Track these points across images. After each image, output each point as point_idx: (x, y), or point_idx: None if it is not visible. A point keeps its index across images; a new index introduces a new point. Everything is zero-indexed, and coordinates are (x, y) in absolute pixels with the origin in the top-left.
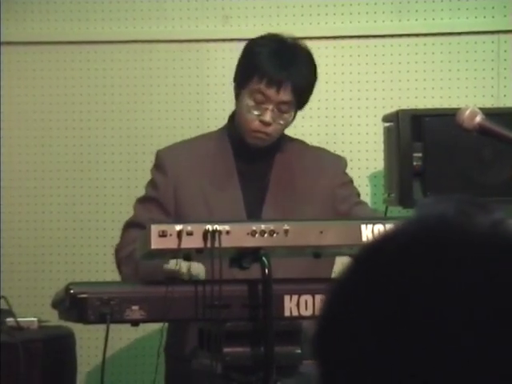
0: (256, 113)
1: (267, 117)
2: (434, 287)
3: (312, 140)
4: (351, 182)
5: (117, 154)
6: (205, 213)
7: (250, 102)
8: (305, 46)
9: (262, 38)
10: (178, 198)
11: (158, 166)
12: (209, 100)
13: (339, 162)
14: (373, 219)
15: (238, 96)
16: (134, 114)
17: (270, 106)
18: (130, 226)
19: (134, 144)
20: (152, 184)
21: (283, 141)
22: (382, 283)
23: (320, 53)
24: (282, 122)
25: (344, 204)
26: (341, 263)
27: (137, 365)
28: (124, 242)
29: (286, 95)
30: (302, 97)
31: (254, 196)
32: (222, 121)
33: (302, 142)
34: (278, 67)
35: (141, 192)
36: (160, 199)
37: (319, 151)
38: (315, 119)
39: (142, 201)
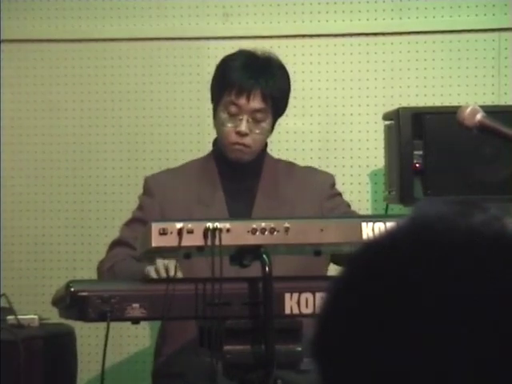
0: (231, 125)
1: (242, 127)
2: (432, 285)
3: (312, 138)
4: (339, 194)
5: (117, 151)
6: None
7: (224, 115)
8: (276, 58)
9: (234, 53)
10: (164, 217)
11: (145, 190)
12: (209, 98)
13: (326, 178)
14: (369, 216)
15: (215, 114)
16: (135, 111)
17: (245, 116)
18: (114, 244)
19: (135, 142)
20: (138, 207)
21: (269, 159)
22: (380, 282)
23: (320, 51)
24: (258, 132)
25: (331, 214)
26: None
27: (137, 363)
28: (106, 259)
29: (257, 103)
30: (274, 105)
31: (241, 212)
32: None
33: (288, 162)
34: (247, 77)
35: (140, 189)
36: (145, 219)
37: (306, 169)
38: (315, 117)
39: (127, 223)
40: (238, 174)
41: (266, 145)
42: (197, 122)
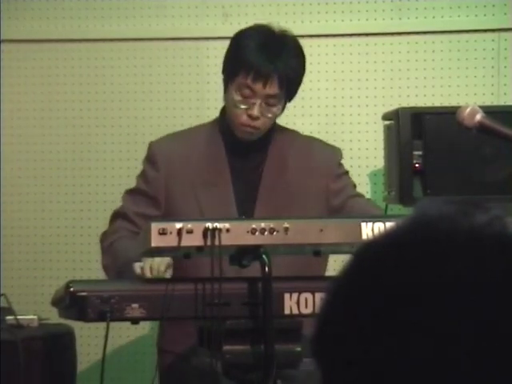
0: (243, 107)
1: (255, 111)
2: (432, 285)
3: None
4: (346, 173)
5: (117, 151)
6: (195, 209)
7: (237, 97)
8: (293, 36)
9: (250, 29)
10: (169, 193)
11: (150, 159)
12: (209, 98)
13: (333, 154)
14: (368, 216)
15: (226, 89)
16: (135, 111)
17: (258, 101)
18: (116, 216)
19: (135, 142)
20: (143, 177)
21: (275, 132)
22: (380, 282)
23: (320, 51)
24: (270, 116)
25: (337, 198)
26: None
27: (137, 362)
28: (108, 232)
29: (272, 89)
30: (289, 89)
31: (247, 192)
32: None
33: (294, 133)
34: (264, 60)
35: None
36: (150, 193)
37: (313, 143)
38: (315, 117)
39: (131, 192)
40: (245, 150)
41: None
42: (196, 122)
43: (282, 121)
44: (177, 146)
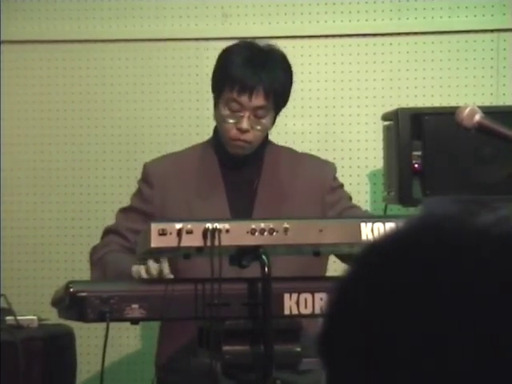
0: (232, 121)
1: (244, 124)
2: (437, 286)
3: (311, 138)
4: (341, 186)
5: (116, 152)
6: None
7: (226, 112)
8: (279, 50)
9: (235, 45)
10: (164, 209)
11: (145, 179)
12: (208, 98)
13: (328, 169)
14: (367, 216)
15: (215, 106)
16: (134, 112)
17: (246, 113)
18: (107, 232)
19: (134, 143)
20: (139, 195)
21: (269, 148)
22: (386, 283)
23: (319, 51)
24: (259, 128)
25: (333, 209)
26: None
27: (136, 363)
28: (98, 246)
29: (258, 100)
30: (276, 100)
31: (242, 206)
32: None
33: (289, 149)
34: (249, 73)
35: None
36: (147, 211)
37: (307, 158)
38: (315, 118)
39: (125, 210)
40: (239, 165)
41: (267, 135)
42: (196, 123)
43: (282, 121)
44: (171, 164)
